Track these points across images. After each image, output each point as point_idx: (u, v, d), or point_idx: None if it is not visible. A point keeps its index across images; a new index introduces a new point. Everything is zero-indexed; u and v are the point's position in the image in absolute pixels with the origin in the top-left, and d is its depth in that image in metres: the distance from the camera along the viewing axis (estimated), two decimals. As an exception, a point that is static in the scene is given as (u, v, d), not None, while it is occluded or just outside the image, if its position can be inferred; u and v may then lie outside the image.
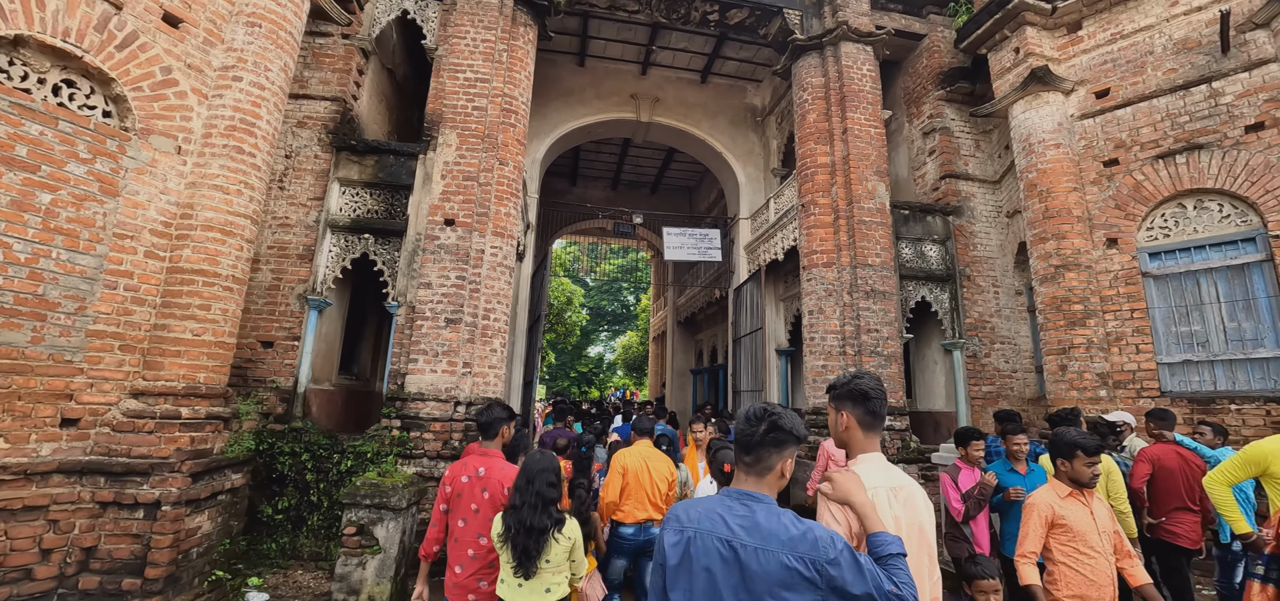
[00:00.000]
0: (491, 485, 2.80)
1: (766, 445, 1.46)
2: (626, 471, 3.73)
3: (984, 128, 9.29)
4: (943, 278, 8.42)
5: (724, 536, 1.36)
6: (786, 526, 1.35)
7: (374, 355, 8.40)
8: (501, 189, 6.92)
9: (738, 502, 1.43)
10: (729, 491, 1.48)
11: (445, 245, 6.38)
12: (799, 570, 1.29)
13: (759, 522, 1.36)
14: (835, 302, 7.57)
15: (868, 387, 1.70)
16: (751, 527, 1.36)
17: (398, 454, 5.80)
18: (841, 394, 1.74)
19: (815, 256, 7.80)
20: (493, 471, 2.85)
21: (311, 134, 6.81)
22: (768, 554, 1.32)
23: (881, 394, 1.71)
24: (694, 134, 11.11)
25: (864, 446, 1.70)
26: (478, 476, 2.84)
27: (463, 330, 6.25)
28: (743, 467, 1.50)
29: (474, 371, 6.32)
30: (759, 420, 1.48)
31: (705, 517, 1.41)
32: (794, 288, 9.76)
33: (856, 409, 1.70)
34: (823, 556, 1.30)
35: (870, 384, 1.71)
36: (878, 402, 1.70)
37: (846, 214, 7.80)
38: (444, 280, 6.28)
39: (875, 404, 1.69)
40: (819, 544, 1.32)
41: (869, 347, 7.26)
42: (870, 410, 1.69)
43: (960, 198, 8.81)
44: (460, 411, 6.09)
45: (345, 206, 6.78)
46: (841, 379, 1.77)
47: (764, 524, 1.36)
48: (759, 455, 1.46)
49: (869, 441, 1.70)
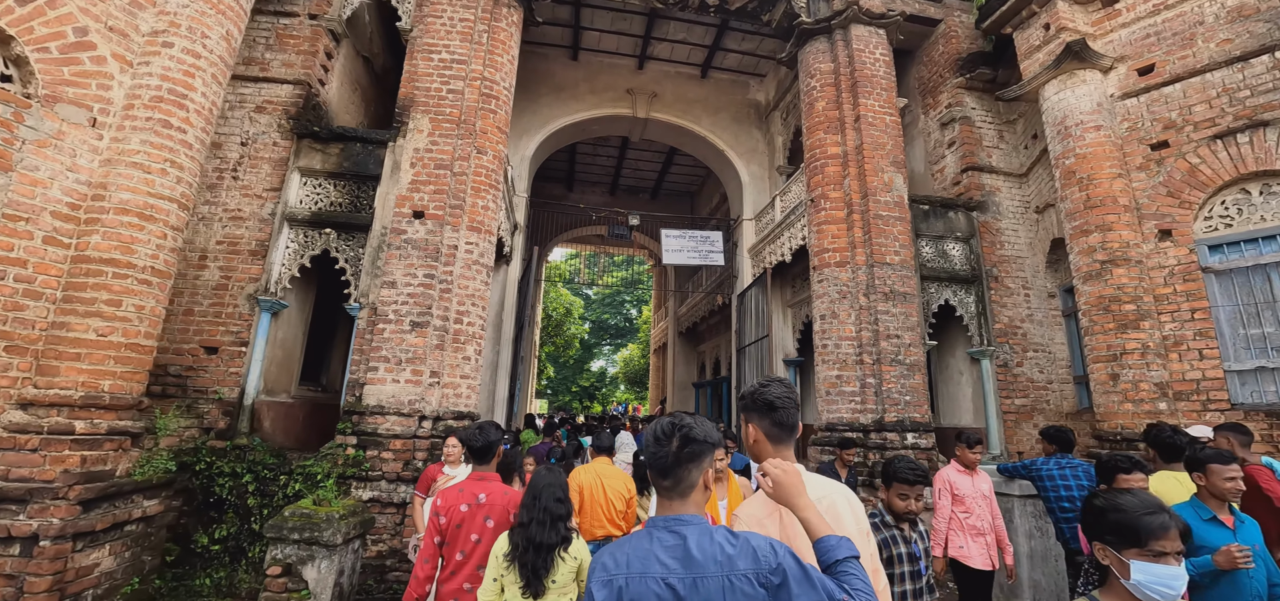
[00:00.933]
0: (496, 512, 2.60)
1: (683, 463, 1.36)
2: (582, 489, 3.55)
3: (1007, 117, 8.58)
4: (967, 279, 7.65)
5: (660, 575, 1.24)
6: (722, 546, 1.26)
7: (345, 365, 7.70)
8: (479, 179, 6.26)
9: (666, 532, 1.31)
10: (655, 521, 1.34)
11: (413, 240, 5.71)
12: (743, 589, 1.20)
13: (692, 552, 1.25)
14: (850, 306, 6.82)
15: (775, 397, 1.60)
16: (686, 559, 1.25)
17: (353, 475, 5.06)
18: (747, 404, 1.63)
19: (827, 255, 7.07)
20: (495, 497, 2.64)
21: (271, 120, 6.20)
22: (708, 581, 1.21)
23: (791, 403, 1.60)
24: (694, 131, 10.48)
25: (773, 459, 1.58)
26: (478, 503, 2.62)
27: (430, 335, 5.54)
28: (664, 492, 1.38)
29: (443, 382, 5.60)
30: (669, 436, 1.38)
31: (635, 559, 1.28)
32: (803, 291, 9.02)
33: (763, 420, 1.59)
34: (764, 567, 1.21)
35: (778, 392, 1.61)
36: (786, 413, 1.59)
37: (861, 208, 7.09)
38: (410, 278, 5.60)
39: (783, 414, 1.58)
40: (758, 555, 1.23)
41: (889, 355, 6.48)
42: (778, 421, 1.58)
43: (984, 192, 8.08)
44: (426, 427, 5.36)
45: (306, 198, 6.14)
46: (748, 387, 1.67)
47: (698, 551, 1.25)
48: (677, 476, 1.36)
49: (780, 453, 1.58)
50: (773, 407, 1.58)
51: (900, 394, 6.40)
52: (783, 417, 1.58)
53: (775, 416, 1.58)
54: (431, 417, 5.40)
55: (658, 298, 20.18)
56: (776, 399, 1.59)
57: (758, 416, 1.61)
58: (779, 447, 1.59)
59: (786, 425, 1.59)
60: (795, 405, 1.61)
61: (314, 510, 3.75)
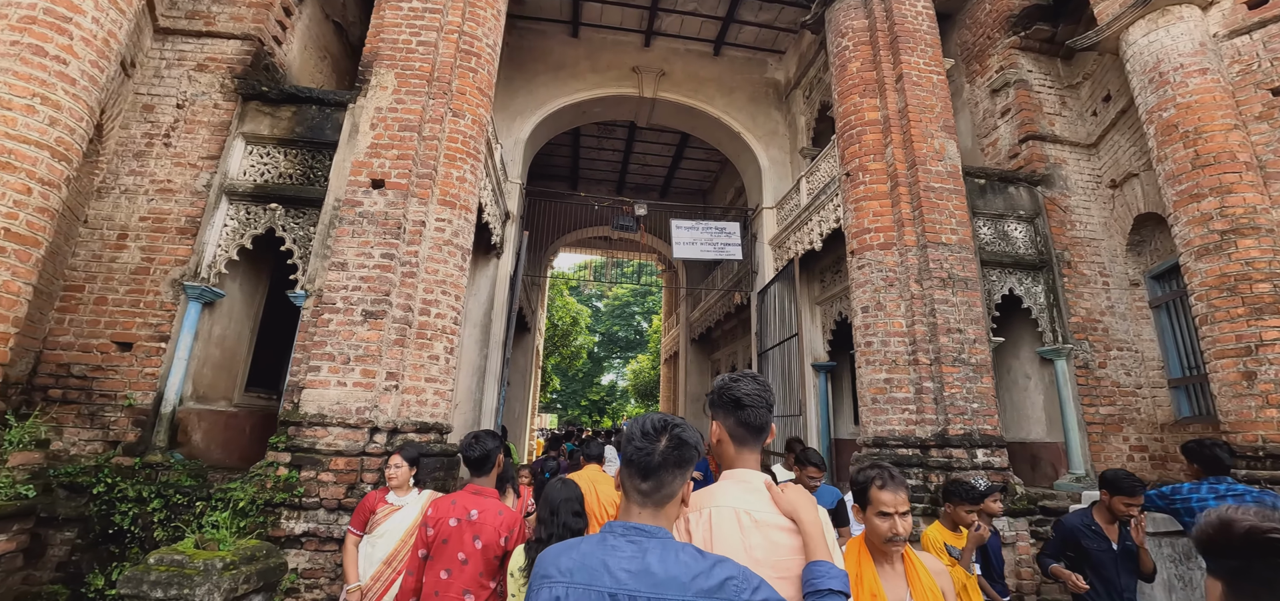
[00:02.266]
0: (486, 532, 2.44)
1: (669, 467, 1.20)
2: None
3: (1070, 80, 7.44)
4: (1034, 265, 6.47)
5: (606, 588, 1.09)
6: (687, 565, 1.10)
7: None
8: (455, 146, 5.29)
9: (625, 541, 1.15)
10: (613, 527, 1.19)
11: (369, 213, 4.72)
12: None
13: (651, 566, 1.10)
14: (899, 295, 5.67)
15: (743, 394, 1.44)
16: (641, 572, 1.09)
17: (284, 502, 4.02)
18: (714, 400, 1.49)
19: (868, 237, 5.95)
20: (487, 515, 2.48)
21: (213, 79, 5.31)
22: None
23: (761, 403, 1.42)
24: (707, 112, 9.48)
25: (735, 463, 1.44)
26: (469, 520, 2.47)
27: (388, 327, 4.52)
28: (638, 497, 1.21)
29: (404, 386, 4.56)
30: (658, 433, 1.22)
31: (582, 567, 1.12)
32: (833, 285, 7.88)
33: (727, 418, 1.45)
34: (736, 598, 1.06)
35: (748, 389, 1.44)
36: (754, 412, 1.42)
37: (908, 180, 5.97)
38: (365, 259, 4.60)
39: (750, 414, 1.42)
40: (730, 583, 1.07)
41: (950, 353, 5.31)
42: (742, 421, 1.43)
43: (1049, 164, 6.92)
44: (378, 442, 4.31)
45: (250, 168, 5.21)
46: (719, 381, 1.51)
47: (658, 567, 1.09)
48: (660, 479, 1.20)
49: (742, 458, 1.44)
50: (739, 405, 1.43)
51: (966, 400, 5.22)
52: (749, 417, 1.43)
53: (741, 415, 1.43)
54: (386, 430, 4.35)
55: (668, 304, 19.08)
56: (745, 396, 1.43)
57: (723, 414, 1.47)
58: (742, 450, 1.44)
59: (752, 426, 1.43)
60: (767, 406, 1.44)
61: (189, 557, 2.70)
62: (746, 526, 1.31)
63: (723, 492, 1.39)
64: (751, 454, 1.44)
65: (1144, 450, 6.09)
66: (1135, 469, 6.01)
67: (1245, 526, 0.74)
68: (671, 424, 1.25)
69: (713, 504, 1.36)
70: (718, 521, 1.33)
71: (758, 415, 1.43)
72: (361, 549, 3.30)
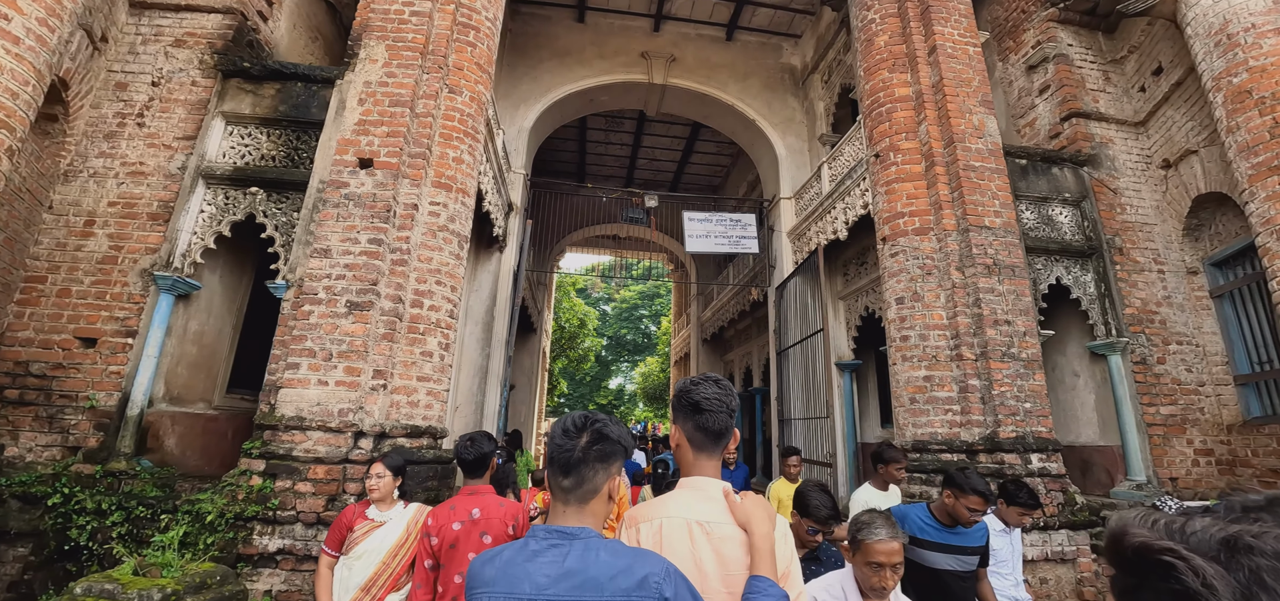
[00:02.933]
0: (493, 526, 2.40)
1: (590, 462, 1.19)
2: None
3: (1114, 54, 6.91)
4: (1082, 251, 5.92)
5: (525, 595, 1.05)
6: (607, 564, 1.07)
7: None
8: (451, 125, 4.86)
9: (545, 545, 1.12)
10: (536, 532, 1.16)
11: (356, 195, 4.30)
12: None
13: (571, 567, 1.07)
14: (938, 284, 5.16)
15: (702, 398, 1.40)
16: (561, 576, 1.06)
17: (257, 516, 3.58)
18: (674, 403, 1.46)
19: (902, 221, 5.45)
20: (490, 510, 2.44)
21: (191, 55, 4.93)
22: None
23: (721, 407, 1.39)
24: (719, 98, 9.02)
25: (693, 468, 1.40)
26: (472, 519, 2.40)
27: (374, 320, 4.08)
28: (561, 494, 1.20)
29: (393, 385, 4.11)
30: (579, 430, 1.22)
31: (503, 576, 1.09)
32: (860, 277, 7.37)
33: (686, 423, 1.41)
34: (655, 596, 1.03)
35: (707, 393, 1.40)
36: (713, 416, 1.38)
37: (944, 159, 5.46)
38: (350, 245, 4.17)
39: (708, 419, 1.38)
40: (650, 580, 1.05)
41: (998, 347, 4.79)
42: (701, 426, 1.39)
43: (1094, 144, 6.38)
44: (364, 448, 3.86)
45: (230, 150, 4.81)
46: (679, 384, 1.47)
47: (580, 567, 1.07)
48: (581, 475, 1.19)
49: (701, 463, 1.40)
50: (698, 409, 1.39)
51: (1017, 399, 4.68)
52: (707, 422, 1.38)
53: (700, 420, 1.39)
54: (373, 434, 3.90)
55: (678, 304, 18.57)
56: (703, 400, 1.39)
57: (681, 418, 1.42)
58: (701, 455, 1.40)
59: (711, 431, 1.39)
60: (727, 412, 1.40)
61: (121, 586, 2.27)
62: (697, 537, 1.28)
63: (676, 502, 1.35)
64: (710, 460, 1.41)
65: (1209, 454, 5.52)
66: (1200, 474, 5.44)
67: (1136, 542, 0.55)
68: (593, 421, 1.25)
69: (665, 514, 1.33)
70: (668, 532, 1.30)
71: (716, 420, 1.40)
72: (337, 572, 2.86)
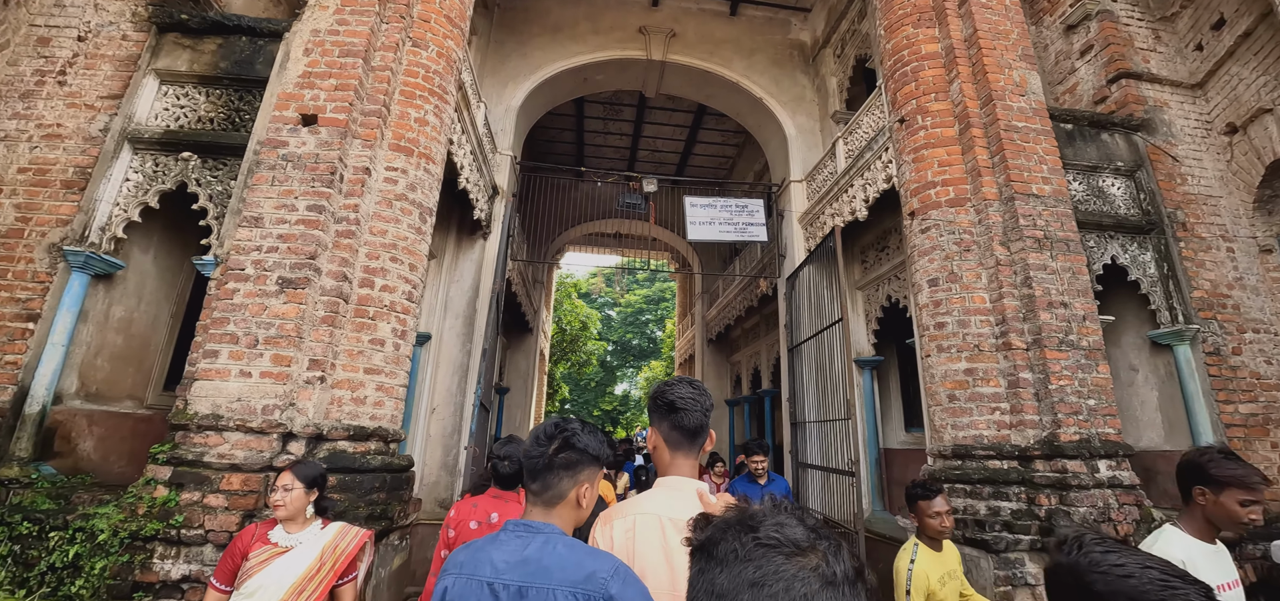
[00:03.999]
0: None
1: (556, 469, 1.27)
2: None
3: (1163, 11, 6.17)
4: (1139, 227, 5.18)
5: (486, 578, 1.16)
6: (562, 557, 1.16)
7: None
8: (414, 82, 4.24)
9: (511, 536, 1.23)
10: (508, 524, 1.26)
11: (295, 156, 3.67)
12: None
13: (529, 556, 1.17)
14: (978, 262, 4.44)
15: (677, 398, 1.43)
16: (519, 563, 1.16)
17: (157, 535, 2.93)
18: (651, 404, 1.50)
19: (933, 192, 4.74)
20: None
21: (123, 7, 4.36)
22: (538, 592, 1.12)
23: (695, 407, 1.42)
24: (723, 76, 8.36)
25: (670, 468, 1.43)
26: (489, 524, 2.46)
27: (312, 301, 3.44)
28: (531, 497, 1.30)
29: (334, 378, 3.47)
30: (549, 438, 1.30)
31: (471, 559, 1.21)
32: (880, 264, 6.66)
33: (661, 423, 1.45)
34: (600, 592, 1.10)
35: (681, 393, 1.44)
36: (688, 415, 1.41)
37: (982, 120, 4.76)
38: (286, 213, 3.54)
39: (683, 417, 1.41)
40: (595, 577, 1.12)
41: (1054, 333, 4.05)
42: (676, 425, 1.42)
43: (1148, 108, 5.65)
44: (294, 451, 3.21)
45: (164, 111, 4.22)
46: (655, 386, 1.52)
47: (535, 556, 1.17)
48: (547, 481, 1.28)
49: (677, 463, 1.43)
50: (672, 409, 1.43)
51: (1078, 395, 3.95)
52: (682, 421, 1.42)
53: (674, 419, 1.42)
54: (306, 437, 3.25)
55: (682, 304, 17.88)
56: (678, 399, 1.43)
57: (657, 418, 1.46)
58: (677, 455, 1.43)
59: (686, 429, 1.42)
60: (703, 412, 1.43)
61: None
62: (669, 533, 1.29)
63: (650, 500, 1.37)
64: (686, 459, 1.42)
65: (1297, 460, 4.73)
66: (1290, 484, 4.65)
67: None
68: (564, 429, 1.31)
69: (638, 511, 1.35)
70: (641, 529, 1.32)
71: (691, 418, 1.41)
72: (231, 609, 2.22)
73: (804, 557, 0.55)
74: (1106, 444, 3.88)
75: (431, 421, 6.09)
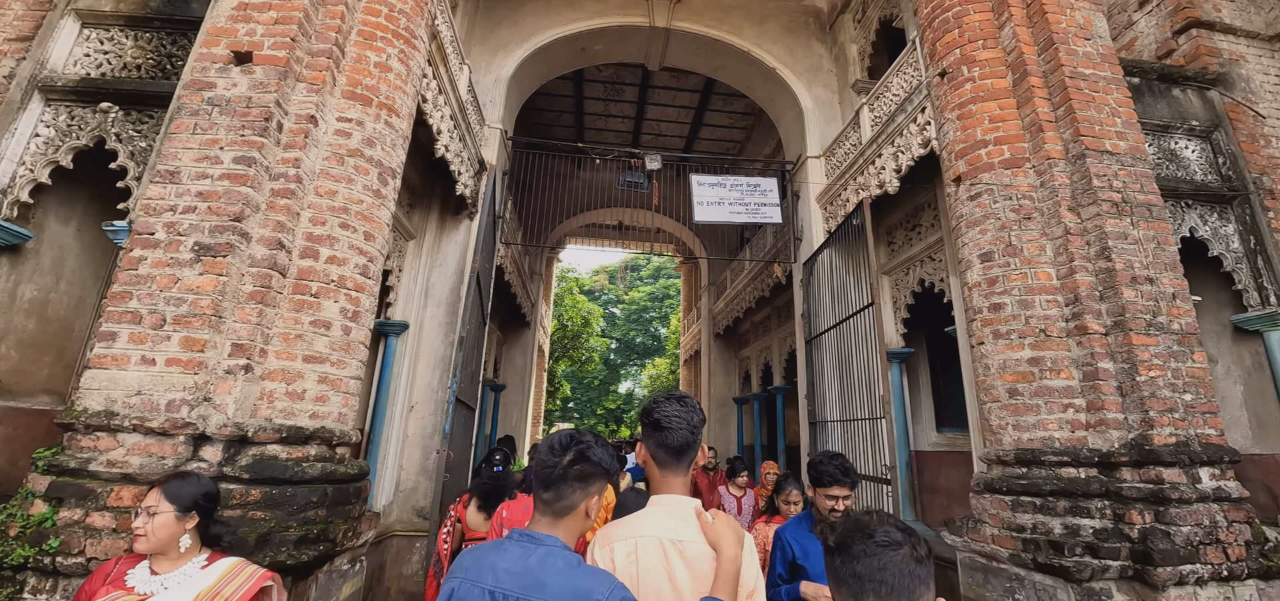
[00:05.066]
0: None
1: (570, 480, 1.27)
2: None
3: (1238, -42, 5.44)
4: (1219, 195, 4.48)
5: (488, 586, 1.17)
6: (560, 572, 1.16)
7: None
8: (375, 22, 3.61)
9: (516, 544, 1.24)
10: (514, 532, 1.28)
11: (223, 99, 3.04)
12: None
13: (530, 567, 1.17)
14: (1041, 231, 3.75)
15: (662, 415, 1.42)
16: (520, 573, 1.17)
17: (30, 563, 2.31)
18: (641, 420, 1.51)
19: (984, 153, 4.05)
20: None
21: (39, -61, 3.74)
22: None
23: (682, 424, 1.41)
24: (733, 45, 7.68)
25: (662, 486, 1.43)
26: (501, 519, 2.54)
27: (236, 273, 2.81)
28: (540, 505, 1.29)
29: (266, 368, 2.84)
30: (564, 449, 1.30)
31: (474, 565, 1.22)
32: (910, 244, 5.97)
33: (649, 440, 1.45)
34: None
35: (668, 412, 1.42)
36: (672, 434, 1.40)
37: (1042, 67, 4.07)
38: (208, 167, 2.91)
39: (669, 435, 1.40)
40: (591, 596, 1.12)
41: (1140, 315, 3.37)
42: (662, 443, 1.42)
43: (1222, 62, 4.94)
44: (209, 459, 2.58)
45: (84, 57, 3.61)
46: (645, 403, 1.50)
47: (535, 568, 1.17)
48: (560, 491, 1.27)
49: (668, 480, 1.42)
50: (658, 427, 1.41)
51: (1172, 389, 3.26)
52: (668, 439, 1.40)
53: (660, 437, 1.41)
54: (224, 439, 2.61)
55: (687, 298, 17.19)
56: (663, 417, 1.41)
57: (645, 435, 1.47)
58: (666, 472, 1.42)
59: (671, 447, 1.41)
60: (690, 429, 1.42)
61: None
62: (671, 555, 1.30)
63: (649, 521, 1.37)
64: (676, 476, 1.42)
65: None
66: None
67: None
68: (579, 440, 1.31)
69: (639, 533, 1.34)
70: (643, 552, 1.32)
71: (676, 436, 1.40)
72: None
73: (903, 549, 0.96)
74: (1208, 447, 3.19)
75: (409, 420, 5.47)
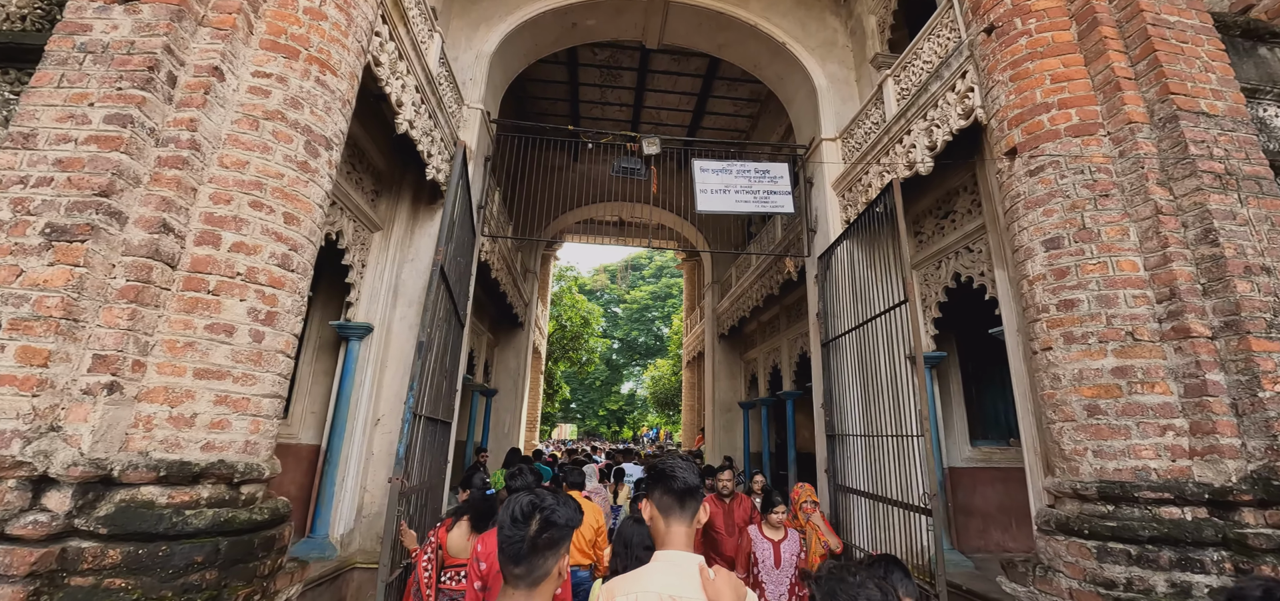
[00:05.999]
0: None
1: (540, 550, 1.22)
2: None
3: (1324, -99, 4.72)
4: (1321, 173, 3.77)
5: None
6: None
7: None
8: (308, -38, 2.95)
9: None
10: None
11: (98, 45, 2.40)
12: None
13: None
14: (1122, 211, 3.07)
15: (668, 467, 1.45)
16: None
17: None
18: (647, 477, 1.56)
19: (1046, 119, 3.37)
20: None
21: None
22: None
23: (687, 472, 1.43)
24: (739, 18, 7.00)
25: (665, 542, 1.40)
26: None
27: (101, 262, 2.17)
28: (512, 580, 1.24)
29: (144, 385, 2.20)
30: (527, 518, 1.23)
31: None
32: (941, 236, 5.29)
33: (654, 490, 1.45)
34: None
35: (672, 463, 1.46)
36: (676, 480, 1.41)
37: (1114, 16, 3.39)
38: (72, 129, 2.27)
39: (676, 483, 1.42)
40: None
41: (1259, 314, 2.68)
42: (667, 489, 1.42)
43: (1315, 18, 4.23)
44: (52, 508, 1.93)
45: (-50, 8, 2.97)
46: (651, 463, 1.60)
47: None
48: (531, 564, 1.22)
49: (673, 534, 1.40)
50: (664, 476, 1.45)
51: (1305, 406, 2.57)
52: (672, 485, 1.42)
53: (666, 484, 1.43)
54: (77, 482, 1.97)
55: (690, 297, 16.52)
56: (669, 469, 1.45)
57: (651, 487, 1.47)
58: (671, 522, 1.41)
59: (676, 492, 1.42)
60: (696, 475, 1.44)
61: None
62: None
63: (651, 577, 1.34)
64: (680, 525, 1.41)
65: None
66: None
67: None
68: (541, 506, 1.25)
69: (640, 588, 1.33)
70: None
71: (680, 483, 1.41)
72: None
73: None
74: (1356, 483, 2.50)
75: (375, 434, 4.83)
